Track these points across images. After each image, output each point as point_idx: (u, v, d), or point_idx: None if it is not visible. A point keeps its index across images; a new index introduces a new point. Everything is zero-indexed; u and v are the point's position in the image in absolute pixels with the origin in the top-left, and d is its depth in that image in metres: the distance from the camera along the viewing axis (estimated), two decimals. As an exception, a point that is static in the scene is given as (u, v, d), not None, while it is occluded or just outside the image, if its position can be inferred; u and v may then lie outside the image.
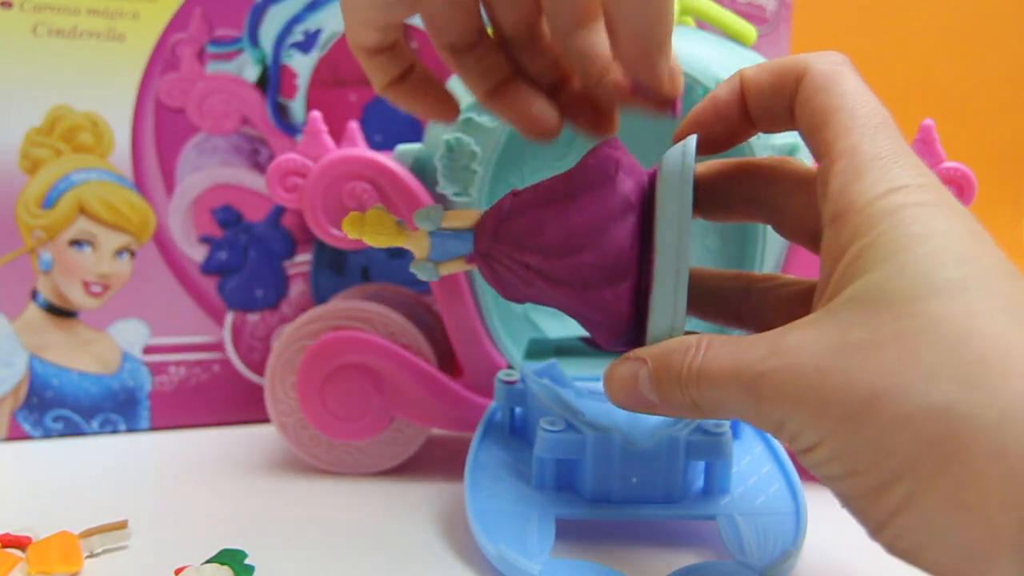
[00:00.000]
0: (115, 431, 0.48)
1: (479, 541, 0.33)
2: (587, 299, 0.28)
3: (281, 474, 0.42)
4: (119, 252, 0.47)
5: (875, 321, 0.22)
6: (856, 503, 0.23)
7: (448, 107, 0.32)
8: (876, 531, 0.22)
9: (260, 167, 0.48)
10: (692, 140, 0.27)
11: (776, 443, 0.37)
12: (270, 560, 0.33)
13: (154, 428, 0.49)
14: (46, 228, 0.46)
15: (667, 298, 0.27)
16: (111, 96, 0.46)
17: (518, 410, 0.39)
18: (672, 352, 0.26)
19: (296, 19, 0.47)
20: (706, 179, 0.30)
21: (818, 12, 0.65)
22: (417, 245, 0.30)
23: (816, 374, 0.22)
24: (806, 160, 0.40)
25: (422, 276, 0.30)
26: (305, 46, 0.48)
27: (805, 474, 0.38)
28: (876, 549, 0.35)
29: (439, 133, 0.39)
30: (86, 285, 0.47)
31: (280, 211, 0.48)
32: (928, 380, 0.21)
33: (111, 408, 0.48)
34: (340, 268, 0.50)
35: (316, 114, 0.41)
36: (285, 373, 0.42)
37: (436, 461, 0.44)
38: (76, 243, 0.46)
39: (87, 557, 0.33)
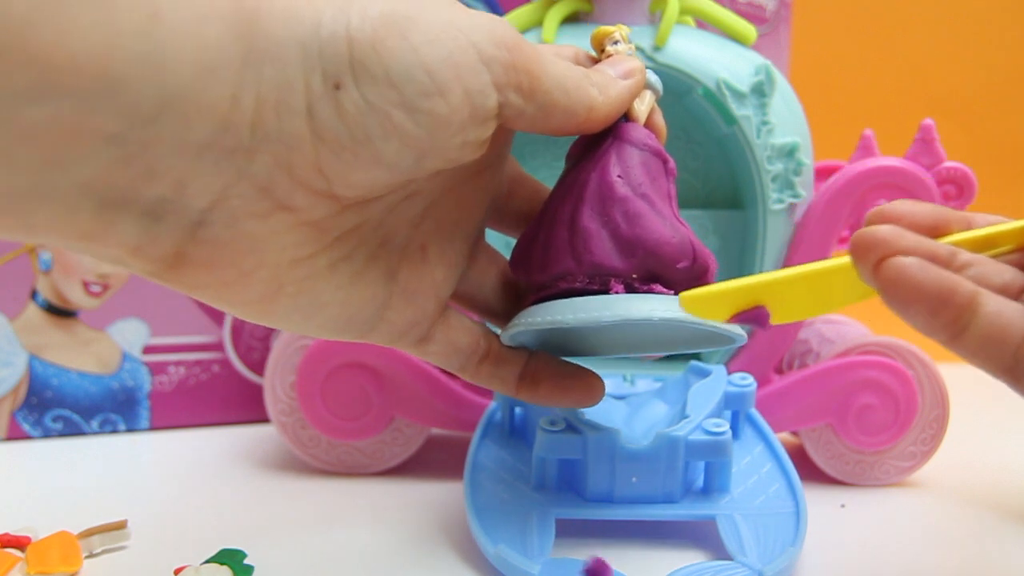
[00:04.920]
0: (115, 431, 0.48)
1: (479, 541, 0.33)
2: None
3: (281, 474, 0.42)
4: (119, 252, 0.47)
5: None
6: None
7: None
8: None
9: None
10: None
11: (776, 443, 0.37)
12: (269, 560, 0.33)
13: (154, 428, 0.49)
14: (46, 228, 0.46)
15: None
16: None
17: (518, 410, 0.39)
18: None
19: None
20: None
21: (818, 12, 0.65)
22: None
23: None
24: (805, 157, 0.40)
25: None
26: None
27: (805, 474, 0.38)
28: (876, 549, 0.35)
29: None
30: (86, 285, 0.47)
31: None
32: None
33: (111, 408, 0.48)
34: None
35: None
36: (285, 373, 0.42)
37: (436, 461, 0.44)
38: (76, 243, 0.46)
39: (86, 557, 0.33)
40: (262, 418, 0.47)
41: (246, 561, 0.32)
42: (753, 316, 0.26)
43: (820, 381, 0.41)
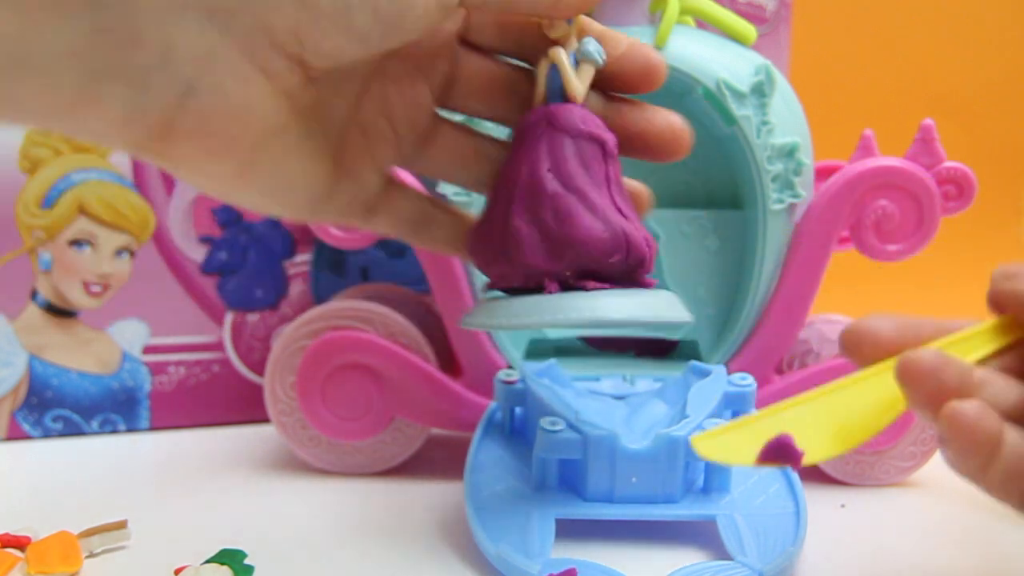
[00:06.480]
0: (115, 431, 0.48)
1: (479, 541, 0.33)
2: None
3: (281, 474, 0.42)
4: (119, 252, 0.47)
5: None
6: None
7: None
8: None
9: (260, 167, 0.48)
10: None
11: (776, 443, 0.37)
12: (270, 560, 0.33)
13: (154, 428, 0.49)
14: (46, 228, 0.46)
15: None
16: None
17: (518, 410, 0.39)
18: None
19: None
20: None
21: (818, 12, 0.65)
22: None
23: None
24: (805, 157, 0.40)
25: None
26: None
27: (805, 474, 0.38)
28: (876, 549, 0.35)
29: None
30: (86, 285, 0.47)
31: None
32: None
33: (111, 408, 0.48)
34: (340, 268, 0.50)
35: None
36: (285, 373, 0.42)
37: (436, 461, 0.44)
38: (76, 243, 0.46)
39: (87, 557, 0.33)
40: (262, 418, 0.46)
41: (246, 561, 0.32)
42: (787, 450, 0.24)
43: (820, 381, 0.40)
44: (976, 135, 0.67)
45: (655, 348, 0.44)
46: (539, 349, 0.43)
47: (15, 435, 0.47)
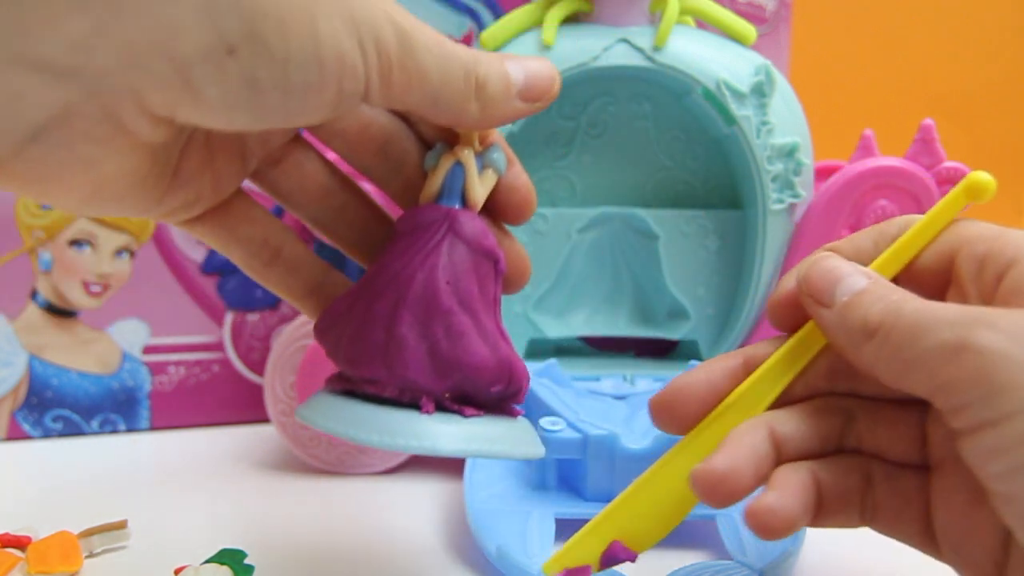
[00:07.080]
0: (115, 431, 0.48)
1: (479, 541, 0.33)
2: None
3: (281, 474, 0.42)
4: (119, 252, 0.47)
5: None
6: None
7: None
8: None
9: (260, 167, 0.48)
10: None
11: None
12: (270, 560, 0.33)
13: (154, 428, 0.49)
14: (46, 228, 0.46)
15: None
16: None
17: (518, 410, 0.39)
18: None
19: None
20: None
21: (818, 12, 0.65)
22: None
23: None
24: (805, 157, 0.40)
25: None
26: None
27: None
28: (875, 549, 0.35)
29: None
30: (86, 285, 0.47)
31: (280, 210, 0.48)
32: None
33: (111, 408, 0.48)
34: (340, 268, 0.50)
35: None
36: (285, 373, 0.42)
37: (436, 461, 0.44)
38: (76, 243, 0.46)
39: (87, 557, 0.33)
40: (262, 418, 0.47)
41: (246, 561, 0.32)
42: (617, 555, 0.27)
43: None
44: (976, 135, 0.67)
45: (655, 348, 0.44)
46: (539, 349, 0.43)
47: (15, 435, 0.47)
